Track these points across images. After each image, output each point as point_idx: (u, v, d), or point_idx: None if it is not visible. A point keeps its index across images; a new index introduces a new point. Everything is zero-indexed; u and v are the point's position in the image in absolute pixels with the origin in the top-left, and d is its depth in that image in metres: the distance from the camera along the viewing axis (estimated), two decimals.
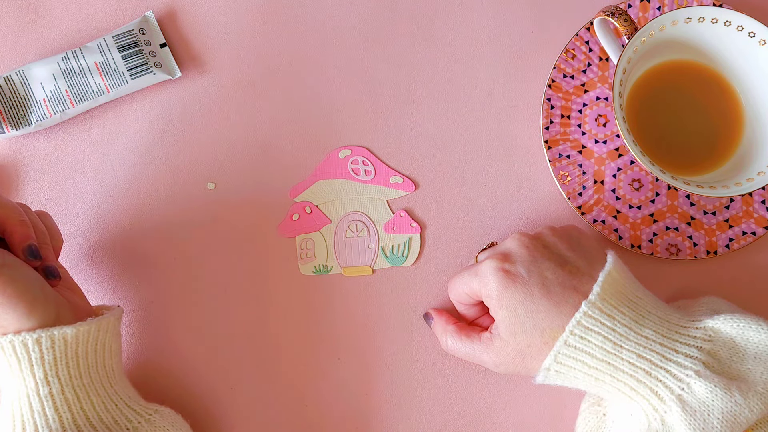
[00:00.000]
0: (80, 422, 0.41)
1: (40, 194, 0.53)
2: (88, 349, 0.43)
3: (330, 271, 0.52)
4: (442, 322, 0.48)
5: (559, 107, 0.53)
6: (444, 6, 0.55)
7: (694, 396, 0.40)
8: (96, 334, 0.43)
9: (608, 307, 0.41)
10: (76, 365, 0.42)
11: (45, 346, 0.41)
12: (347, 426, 0.50)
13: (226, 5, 0.55)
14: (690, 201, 0.52)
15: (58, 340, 0.41)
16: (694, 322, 0.43)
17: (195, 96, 0.54)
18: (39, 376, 0.41)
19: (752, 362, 0.41)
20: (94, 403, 0.42)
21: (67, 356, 0.42)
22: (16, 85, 0.52)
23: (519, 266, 0.43)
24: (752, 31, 0.47)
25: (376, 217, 0.52)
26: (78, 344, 0.42)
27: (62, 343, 0.41)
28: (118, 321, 0.46)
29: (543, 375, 0.43)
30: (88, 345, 0.43)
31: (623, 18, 0.47)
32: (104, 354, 0.44)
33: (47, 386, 0.41)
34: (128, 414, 0.44)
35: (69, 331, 0.42)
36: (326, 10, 0.55)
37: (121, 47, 0.53)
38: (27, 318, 0.41)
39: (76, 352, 0.42)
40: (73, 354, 0.42)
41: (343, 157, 0.53)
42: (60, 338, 0.41)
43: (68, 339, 0.42)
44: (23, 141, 0.53)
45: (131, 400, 0.44)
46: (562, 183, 0.52)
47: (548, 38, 0.54)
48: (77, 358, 0.42)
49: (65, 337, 0.41)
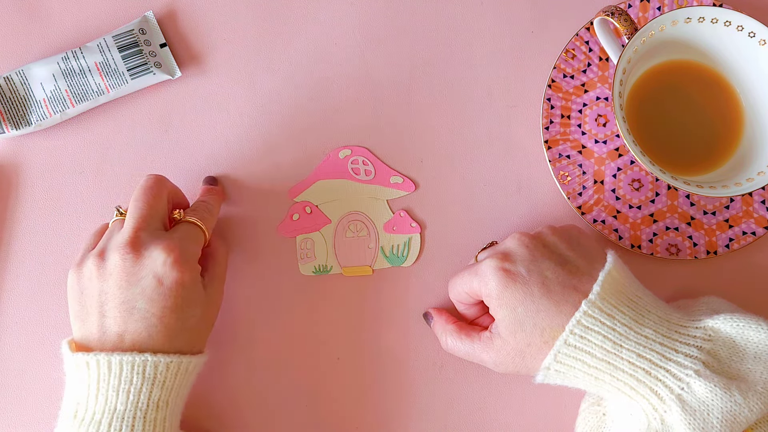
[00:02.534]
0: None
1: (40, 194, 0.53)
2: (190, 381, 0.44)
3: (330, 271, 0.52)
4: (442, 321, 0.48)
5: (559, 107, 0.53)
6: (444, 6, 0.55)
7: (694, 395, 0.40)
8: (197, 366, 0.45)
9: (608, 306, 0.41)
10: (178, 395, 0.43)
11: (171, 372, 0.42)
12: (347, 426, 0.50)
13: (226, 5, 0.55)
14: (690, 201, 0.52)
15: (181, 367, 0.42)
16: (694, 322, 0.43)
17: (195, 96, 0.54)
18: (153, 400, 0.41)
19: (752, 362, 0.41)
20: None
21: (182, 384, 0.43)
22: (16, 85, 0.52)
23: (519, 265, 0.43)
24: (752, 31, 0.47)
25: (376, 217, 0.52)
26: (190, 374, 0.44)
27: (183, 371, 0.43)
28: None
29: (543, 374, 0.43)
30: (193, 376, 0.44)
31: (623, 18, 0.47)
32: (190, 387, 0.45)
33: (156, 411, 0.41)
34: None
35: (195, 361, 0.43)
36: (326, 10, 0.55)
37: (121, 47, 0.53)
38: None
39: (187, 382, 0.43)
40: (186, 383, 0.43)
41: (343, 157, 0.53)
42: (185, 366, 0.43)
43: (189, 368, 0.43)
44: (23, 141, 0.53)
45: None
46: (562, 183, 0.52)
47: (548, 38, 0.54)
48: (185, 388, 0.44)
49: (187, 367, 0.43)
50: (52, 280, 0.52)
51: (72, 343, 0.43)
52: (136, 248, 0.42)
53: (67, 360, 0.42)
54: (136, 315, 0.42)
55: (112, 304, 0.42)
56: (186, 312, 0.43)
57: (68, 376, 0.43)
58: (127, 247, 0.42)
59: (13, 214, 0.53)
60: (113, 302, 0.42)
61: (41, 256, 0.52)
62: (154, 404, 0.41)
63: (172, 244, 0.43)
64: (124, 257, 0.42)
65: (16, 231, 0.52)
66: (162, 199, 0.45)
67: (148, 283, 0.42)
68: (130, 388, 0.41)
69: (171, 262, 0.42)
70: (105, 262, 0.43)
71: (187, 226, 0.46)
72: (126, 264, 0.42)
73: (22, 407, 0.50)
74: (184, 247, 0.43)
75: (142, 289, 0.42)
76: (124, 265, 0.42)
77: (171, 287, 0.42)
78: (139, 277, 0.42)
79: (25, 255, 0.52)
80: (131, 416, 0.41)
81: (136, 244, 0.42)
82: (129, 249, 0.42)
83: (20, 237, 0.52)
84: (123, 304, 0.42)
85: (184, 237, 0.44)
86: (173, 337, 0.42)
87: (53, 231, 0.52)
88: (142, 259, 0.42)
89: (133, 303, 0.42)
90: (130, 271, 0.42)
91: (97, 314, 0.42)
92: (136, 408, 0.41)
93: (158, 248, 0.42)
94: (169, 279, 0.42)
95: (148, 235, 0.43)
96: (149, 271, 0.42)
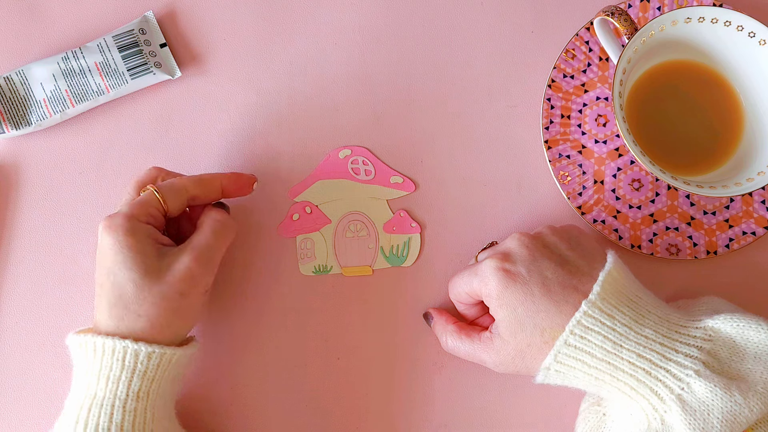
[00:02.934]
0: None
1: (40, 194, 0.53)
2: (175, 373, 0.44)
3: (330, 271, 0.52)
4: (442, 321, 0.48)
5: (559, 107, 0.53)
6: (444, 6, 0.55)
7: (694, 396, 0.40)
8: (187, 359, 0.44)
9: (608, 306, 0.41)
10: (160, 386, 0.43)
11: (153, 362, 0.41)
12: (347, 426, 0.50)
13: (226, 5, 0.55)
14: (690, 201, 0.52)
15: (165, 359, 0.42)
16: (694, 322, 0.43)
17: (195, 96, 0.54)
18: (134, 390, 0.41)
19: (752, 362, 0.41)
20: (158, 426, 0.42)
21: (162, 376, 0.42)
22: (16, 85, 0.52)
23: (519, 266, 0.43)
24: (752, 31, 0.47)
25: (376, 217, 0.52)
26: (178, 367, 0.43)
27: (166, 362, 0.42)
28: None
29: (543, 374, 0.43)
30: (177, 369, 0.44)
31: (623, 18, 0.47)
32: (178, 379, 0.45)
33: (136, 401, 0.41)
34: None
35: (179, 353, 0.43)
36: (326, 10, 0.55)
37: (121, 47, 0.53)
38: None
39: (169, 374, 0.43)
40: (168, 375, 0.43)
41: (343, 157, 0.53)
42: (167, 358, 0.42)
43: (172, 360, 0.42)
44: (23, 141, 0.53)
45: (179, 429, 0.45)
46: (562, 183, 0.52)
47: (548, 38, 0.54)
48: (166, 380, 0.43)
49: (171, 358, 0.42)
50: (52, 280, 0.52)
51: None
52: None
53: (69, 344, 0.44)
54: (97, 290, 0.43)
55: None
56: (117, 276, 0.42)
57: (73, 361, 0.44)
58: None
59: (13, 214, 0.53)
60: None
61: (41, 256, 0.52)
62: (134, 394, 0.41)
63: (113, 213, 0.44)
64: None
65: (16, 231, 0.52)
66: (141, 184, 0.46)
67: (97, 254, 0.44)
68: (109, 374, 0.41)
69: (101, 228, 0.43)
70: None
71: (141, 196, 0.45)
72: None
73: (22, 407, 0.50)
74: (117, 213, 0.44)
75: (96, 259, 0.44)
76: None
77: (102, 252, 0.43)
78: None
79: (25, 255, 0.52)
80: (110, 404, 0.41)
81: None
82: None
83: (20, 237, 0.52)
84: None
85: (127, 203, 0.45)
86: (112, 305, 0.42)
87: (53, 231, 0.52)
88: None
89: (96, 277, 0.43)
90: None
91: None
92: (115, 396, 0.41)
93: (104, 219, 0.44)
94: (100, 245, 0.43)
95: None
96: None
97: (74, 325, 0.51)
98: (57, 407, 0.48)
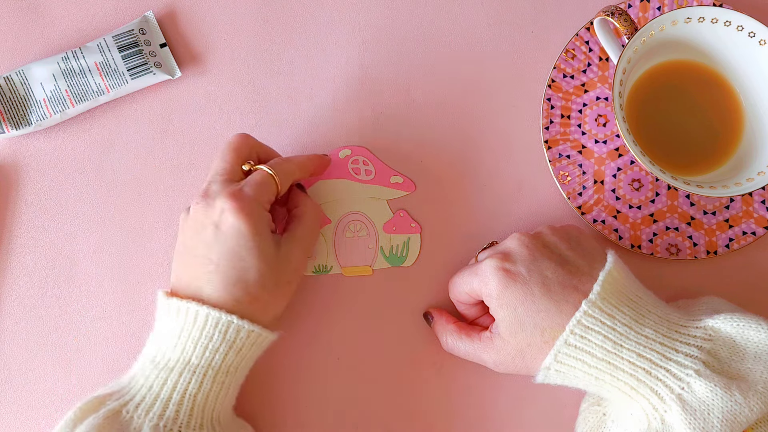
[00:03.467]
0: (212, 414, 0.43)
1: (40, 194, 0.53)
2: (258, 354, 0.46)
3: (330, 271, 0.52)
4: (442, 321, 0.48)
5: (559, 107, 0.53)
6: (444, 6, 0.55)
7: (694, 395, 0.40)
8: (268, 343, 0.46)
9: (608, 306, 0.41)
10: (246, 364, 0.45)
11: (250, 341, 0.43)
12: (347, 426, 0.50)
13: (226, 5, 0.55)
14: (690, 201, 0.52)
15: (259, 339, 0.44)
16: (694, 322, 0.43)
17: (195, 96, 0.54)
18: (227, 363, 0.43)
19: (752, 362, 0.41)
20: (220, 404, 0.44)
21: (250, 355, 0.44)
22: (16, 85, 0.52)
23: (519, 265, 0.43)
24: (752, 31, 0.47)
25: (375, 217, 0.52)
26: (261, 348, 0.45)
27: (259, 342, 0.44)
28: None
29: (543, 374, 0.43)
30: (260, 350, 0.45)
31: (623, 18, 0.47)
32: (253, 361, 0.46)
33: (225, 375, 0.43)
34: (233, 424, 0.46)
35: (270, 336, 0.44)
36: (326, 10, 0.55)
37: (121, 47, 0.53)
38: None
39: (254, 354, 0.45)
40: (253, 355, 0.45)
41: (343, 157, 0.53)
42: (262, 339, 0.44)
43: (264, 341, 0.44)
44: (23, 141, 0.53)
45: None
46: (562, 183, 0.52)
47: (548, 38, 0.54)
48: (250, 359, 0.45)
49: (263, 339, 0.44)
50: (52, 280, 0.52)
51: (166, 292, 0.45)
52: (205, 198, 0.44)
53: (159, 304, 0.44)
54: (198, 261, 0.43)
55: (187, 253, 0.44)
56: (244, 261, 0.43)
57: (157, 320, 0.44)
58: (199, 197, 0.44)
59: (13, 214, 0.52)
60: (187, 250, 0.44)
61: (41, 256, 0.52)
62: (226, 368, 0.43)
63: (233, 192, 0.44)
64: (195, 207, 0.44)
65: (16, 231, 0.52)
66: (240, 153, 0.46)
67: (209, 231, 0.43)
68: (208, 344, 0.42)
69: (228, 208, 0.43)
70: (188, 213, 0.45)
71: (255, 175, 0.46)
72: (196, 214, 0.44)
73: (22, 407, 0.50)
74: (246, 195, 0.44)
75: (204, 236, 0.43)
76: (195, 215, 0.44)
77: (226, 232, 0.43)
78: (204, 225, 0.44)
79: (25, 255, 0.52)
80: (202, 373, 0.42)
81: (206, 195, 0.44)
82: (199, 199, 0.44)
83: (20, 237, 0.52)
84: (190, 251, 0.44)
85: (249, 184, 0.45)
86: (230, 284, 0.43)
87: (53, 231, 0.52)
88: (208, 208, 0.44)
89: (197, 251, 0.43)
90: (198, 220, 0.44)
91: (180, 263, 0.45)
92: (209, 366, 0.42)
93: (221, 196, 0.44)
94: (225, 224, 0.43)
95: (218, 185, 0.45)
96: (210, 219, 0.43)
97: (74, 325, 0.51)
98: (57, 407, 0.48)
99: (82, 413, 0.41)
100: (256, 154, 0.48)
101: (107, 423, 0.40)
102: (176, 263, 0.45)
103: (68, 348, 0.51)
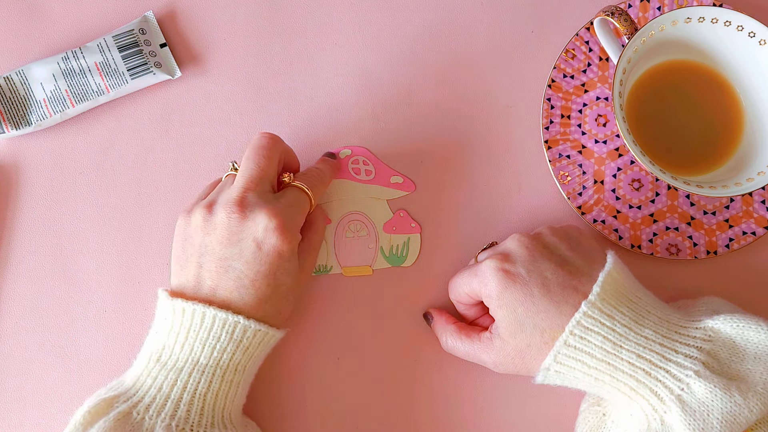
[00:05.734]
0: (223, 413, 0.43)
1: (40, 194, 0.53)
2: (266, 352, 0.46)
3: (330, 271, 0.52)
4: (442, 321, 0.48)
5: (559, 107, 0.53)
6: (444, 6, 0.55)
7: (694, 396, 0.40)
8: (276, 341, 0.46)
9: (608, 307, 0.41)
10: (254, 363, 0.45)
11: (257, 339, 0.43)
12: (347, 426, 0.50)
13: (226, 5, 0.55)
14: (690, 201, 0.52)
15: (266, 338, 0.44)
16: (694, 322, 0.43)
17: (195, 96, 0.54)
18: (234, 362, 0.43)
19: (752, 362, 0.41)
20: (230, 403, 0.44)
21: (258, 354, 0.44)
22: (16, 85, 0.52)
23: (519, 266, 0.43)
24: (752, 31, 0.47)
25: (375, 217, 0.52)
26: (269, 347, 0.45)
27: (267, 341, 0.44)
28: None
29: (543, 375, 0.43)
30: (268, 348, 0.45)
31: (623, 18, 0.47)
32: (262, 360, 0.46)
33: (234, 374, 0.43)
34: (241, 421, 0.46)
35: (277, 334, 0.44)
36: (326, 10, 0.55)
37: (121, 47, 0.53)
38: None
39: (261, 353, 0.45)
40: (261, 353, 0.45)
41: (343, 157, 0.53)
42: (269, 337, 0.44)
43: (271, 339, 0.44)
44: (23, 141, 0.53)
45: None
46: (562, 183, 0.52)
47: (548, 38, 0.54)
48: (258, 358, 0.45)
49: (271, 338, 0.44)
50: (52, 280, 0.52)
51: (168, 291, 0.45)
52: (242, 208, 0.43)
53: (162, 304, 0.44)
54: (231, 274, 0.43)
55: (211, 258, 0.43)
56: (279, 279, 0.43)
57: (158, 320, 0.44)
58: (234, 206, 0.43)
59: (13, 214, 0.53)
60: (212, 257, 0.43)
61: (41, 255, 0.52)
62: (234, 366, 0.43)
63: (276, 210, 0.43)
64: (230, 216, 0.43)
65: (16, 231, 0.52)
66: (273, 161, 0.46)
67: (248, 246, 0.43)
68: (216, 344, 0.42)
69: (273, 228, 0.43)
70: (212, 216, 0.44)
71: (294, 192, 0.46)
72: (230, 223, 0.43)
73: (22, 407, 0.50)
74: (288, 215, 0.44)
75: (241, 250, 0.43)
76: (228, 224, 0.43)
77: (269, 253, 0.43)
78: (240, 237, 0.43)
79: (25, 255, 0.52)
80: (211, 372, 0.42)
81: (243, 205, 0.43)
82: (235, 209, 0.43)
83: (20, 237, 0.52)
84: (220, 261, 0.43)
85: (289, 203, 0.45)
86: (263, 302, 0.43)
87: (53, 231, 0.52)
88: (246, 220, 0.43)
89: (230, 262, 0.43)
90: (232, 230, 0.43)
91: (196, 264, 0.44)
92: (217, 365, 0.42)
93: (262, 212, 0.43)
94: (267, 245, 0.43)
95: (256, 197, 0.44)
96: (250, 233, 0.43)
97: (74, 325, 0.51)
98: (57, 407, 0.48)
99: (91, 416, 0.41)
100: (283, 159, 0.47)
101: (119, 425, 0.40)
102: (189, 263, 0.44)
103: (68, 348, 0.51)
